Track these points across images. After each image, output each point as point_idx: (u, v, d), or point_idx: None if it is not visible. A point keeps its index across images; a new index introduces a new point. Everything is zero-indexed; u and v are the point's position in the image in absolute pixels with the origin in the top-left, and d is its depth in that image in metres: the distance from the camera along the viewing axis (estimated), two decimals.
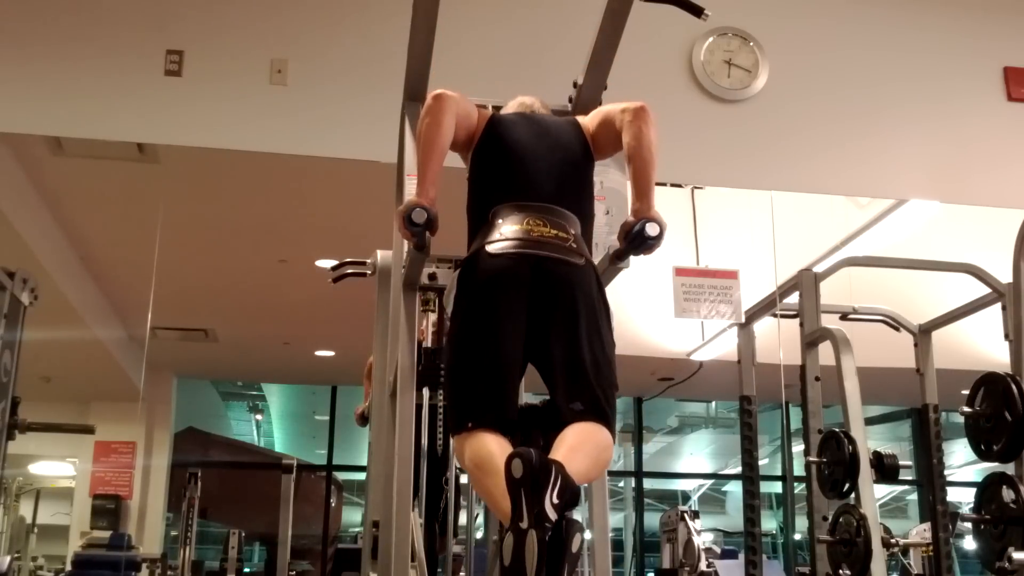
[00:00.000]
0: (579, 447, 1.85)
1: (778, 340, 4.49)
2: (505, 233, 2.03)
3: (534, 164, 2.15)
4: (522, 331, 1.98)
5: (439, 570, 3.49)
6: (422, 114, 2.11)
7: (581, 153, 2.23)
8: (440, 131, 2.06)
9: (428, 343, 3.50)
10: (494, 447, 1.85)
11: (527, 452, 1.66)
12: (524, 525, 1.62)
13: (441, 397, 3.47)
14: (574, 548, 1.66)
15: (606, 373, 2.00)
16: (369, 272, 3.37)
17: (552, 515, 1.62)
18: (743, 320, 4.63)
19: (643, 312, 5.31)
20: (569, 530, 1.65)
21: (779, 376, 4.45)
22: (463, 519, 3.75)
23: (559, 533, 1.64)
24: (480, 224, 2.10)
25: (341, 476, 8.40)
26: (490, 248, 2.02)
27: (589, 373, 1.96)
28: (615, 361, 2.06)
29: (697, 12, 2.40)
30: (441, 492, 3.48)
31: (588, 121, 2.28)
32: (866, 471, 3.70)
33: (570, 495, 1.65)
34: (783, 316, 4.49)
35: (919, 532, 5.26)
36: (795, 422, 5.24)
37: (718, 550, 6.58)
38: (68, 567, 5.87)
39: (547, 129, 2.26)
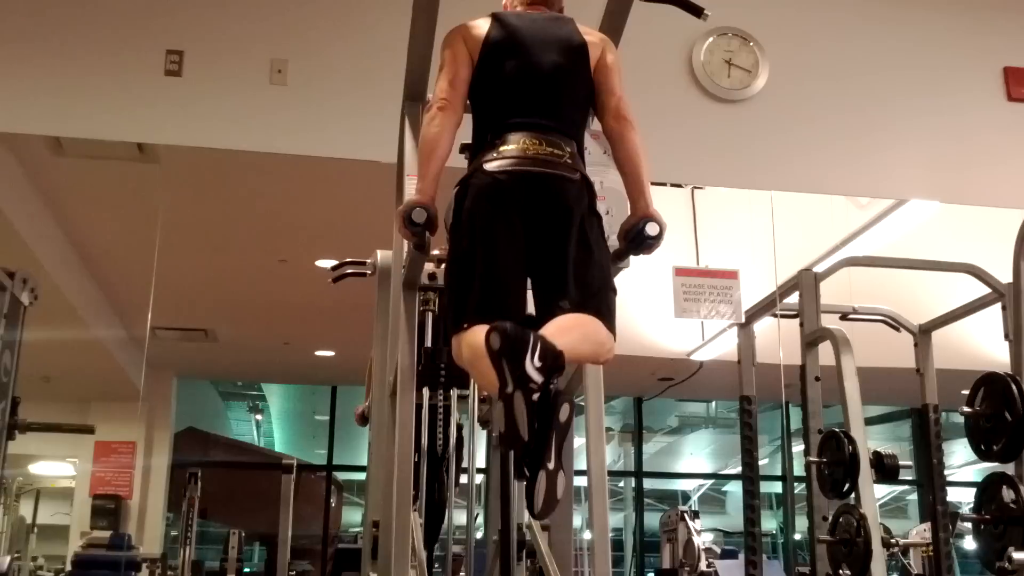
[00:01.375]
0: (567, 326, 1.85)
1: (778, 340, 4.48)
2: (503, 152, 2.04)
3: (532, 90, 2.13)
4: (517, 244, 1.98)
5: (436, 566, 3.49)
6: (427, 118, 2.11)
7: (581, 80, 2.18)
8: (443, 141, 2.07)
9: (428, 343, 3.51)
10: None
11: (502, 324, 1.66)
12: (509, 390, 1.62)
13: (441, 397, 3.48)
14: (562, 417, 1.64)
15: (596, 274, 2.00)
16: (369, 272, 3.37)
17: (536, 377, 1.61)
18: (743, 320, 4.62)
19: (643, 312, 5.31)
20: (557, 399, 1.63)
21: (779, 376, 4.44)
22: (463, 519, 3.75)
23: (547, 402, 1.62)
24: (480, 148, 2.11)
25: (341, 476, 8.40)
26: (487, 167, 2.03)
27: (572, 274, 1.96)
28: (609, 267, 2.07)
29: (697, 12, 2.40)
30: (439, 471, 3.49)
31: (599, 55, 2.20)
32: (866, 471, 3.69)
33: (552, 358, 1.64)
34: (783, 316, 4.49)
35: (919, 532, 5.26)
36: (795, 422, 5.24)
37: (718, 550, 6.59)
38: (68, 567, 5.87)
39: (548, 47, 2.17)
